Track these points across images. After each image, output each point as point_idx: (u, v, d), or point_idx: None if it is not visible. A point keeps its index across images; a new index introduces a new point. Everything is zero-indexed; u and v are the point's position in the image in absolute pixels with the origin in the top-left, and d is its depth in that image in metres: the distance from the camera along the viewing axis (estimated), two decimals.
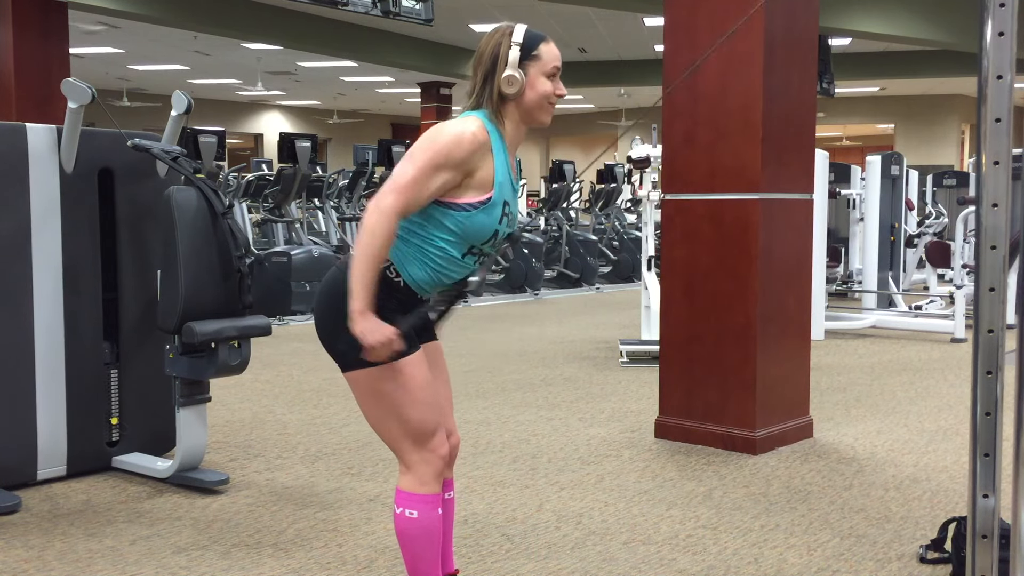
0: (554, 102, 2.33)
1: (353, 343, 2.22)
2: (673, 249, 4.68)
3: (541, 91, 2.30)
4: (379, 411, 2.32)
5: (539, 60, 2.29)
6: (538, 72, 2.29)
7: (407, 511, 2.33)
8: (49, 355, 3.86)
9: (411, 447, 2.33)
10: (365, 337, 2.16)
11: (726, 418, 4.50)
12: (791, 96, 4.53)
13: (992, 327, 1.80)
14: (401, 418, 2.31)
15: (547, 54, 2.31)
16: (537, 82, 2.29)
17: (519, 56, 2.27)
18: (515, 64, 2.27)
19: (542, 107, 2.32)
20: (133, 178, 4.10)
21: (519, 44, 2.27)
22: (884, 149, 17.06)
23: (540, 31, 2.34)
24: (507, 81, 2.27)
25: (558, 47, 2.36)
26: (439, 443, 2.36)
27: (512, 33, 2.29)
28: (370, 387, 2.30)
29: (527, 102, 2.30)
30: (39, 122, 4.11)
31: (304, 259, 8.96)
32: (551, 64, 2.31)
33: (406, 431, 2.32)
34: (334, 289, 2.28)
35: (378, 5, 7.97)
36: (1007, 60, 1.76)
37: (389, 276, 2.28)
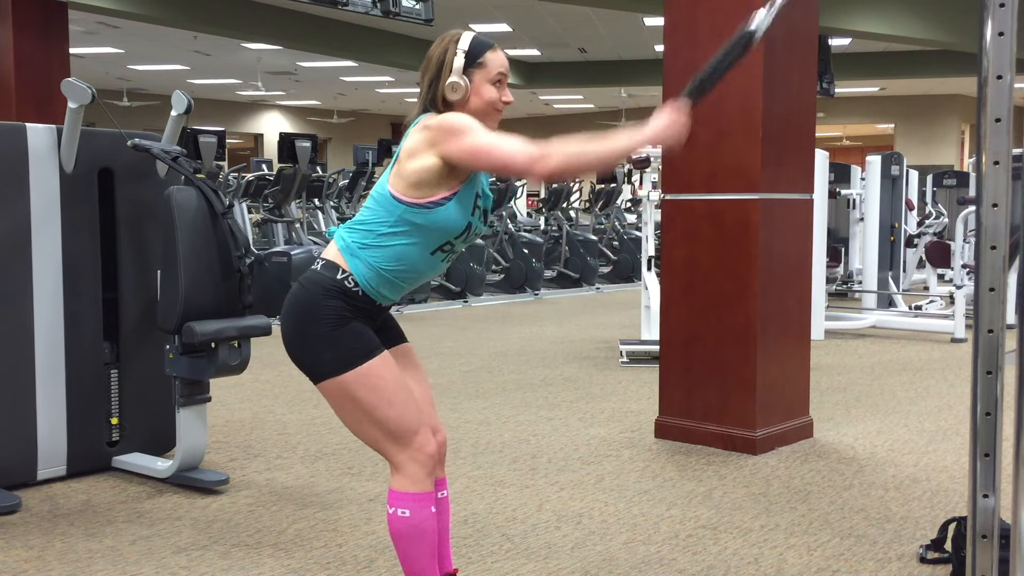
0: (500, 108, 2.36)
1: (320, 355, 2.28)
2: (673, 249, 4.68)
3: (486, 98, 2.33)
4: (356, 416, 2.34)
5: (484, 67, 2.32)
6: (483, 79, 2.32)
7: (399, 510, 2.34)
8: (49, 355, 3.86)
9: (395, 447, 2.34)
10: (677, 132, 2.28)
11: (726, 418, 4.50)
12: (791, 96, 4.53)
13: (992, 327, 1.80)
14: (378, 420, 2.32)
15: (492, 61, 2.33)
16: (482, 89, 2.32)
17: (464, 63, 2.30)
18: (459, 71, 2.30)
19: (488, 113, 2.34)
20: (133, 178, 4.10)
21: (464, 51, 2.31)
22: (884, 149, 17.07)
23: (488, 39, 2.36)
24: (451, 87, 2.30)
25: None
26: (424, 440, 2.36)
27: (459, 40, 2.33)
28: (343, 395, 2.32)
29: (472, 108, 2.33)
30: (39, 122, 4.11)
31: (304, 259, 8.95)
32: (496, 71, 2.33)
33: (386, 432, 2.33)
34: (296, 304, 2.33)
35: (378, 5, 7.97)
36: (1007, 60, 1.76)
37: (347, 286, 2.30)
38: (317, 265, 2.35)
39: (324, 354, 2.29)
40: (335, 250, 2.35)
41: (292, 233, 11.06)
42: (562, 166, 2.18)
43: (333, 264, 2.32)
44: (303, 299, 2.32)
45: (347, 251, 2.32)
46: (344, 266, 2.31)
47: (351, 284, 2.31)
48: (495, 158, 2.22)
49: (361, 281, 2.31)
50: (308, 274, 2.35)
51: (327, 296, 2.29)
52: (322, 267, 2.34)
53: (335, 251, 2.34)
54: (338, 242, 2.35)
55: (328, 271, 2.32)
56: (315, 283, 2.32)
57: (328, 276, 2.31)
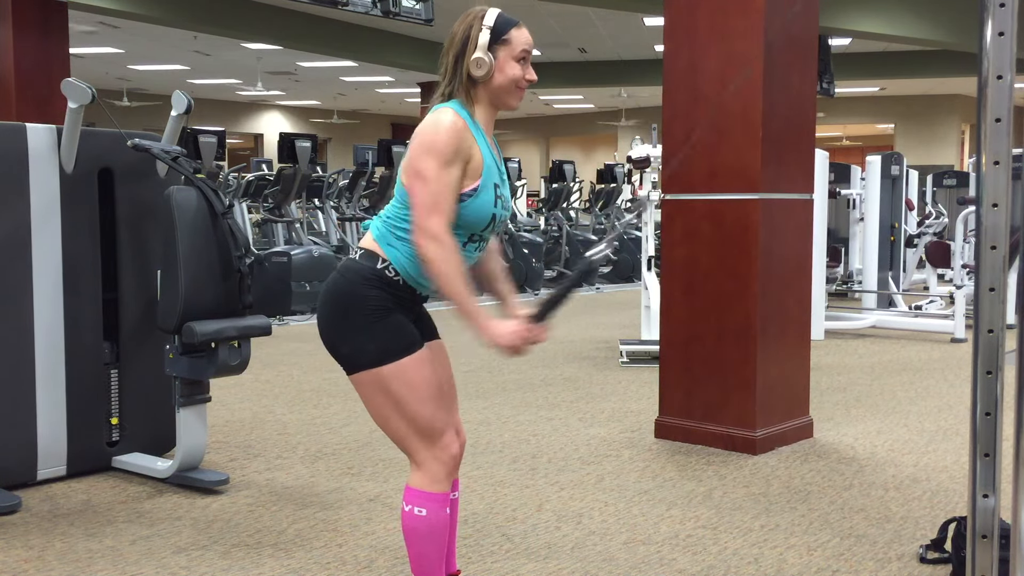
0: (523, 86, 2.35)
1: (356, 345, 2.26)
2: (673, 249, 4.68)
3: (511, 75, 2.32)
4: (387, 411, 2.32)
5: (509, 44, 2.31)
6: (508, 56, 2.31)
7: (416, 508, 2.33)
8: (49, 355, 3.86)
9: (421, 445, 2.34)
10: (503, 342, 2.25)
11: (726, 418, 4.50)
12: (791, 96, 4.53)
13: (992, 327, 1.80)
14: (409, 416, 2.31)
15: (517, 38, 2.32)
16: (507, 66, 2.31)
17: (489, 39, 2.29)
18: (484, 47, 2.29)
19: (510, 91, 2.34)
20: (133, 178, 4.10)
21: (489, 27, 2.30)
22: (884, 149, 17.07)
23: (512, 16, 2.35)
24: (476, 63, 2.29)
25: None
26: (449, 441, 2.36)
27: (484, 17, 2.32)
28: (376, 388, 2.30)
29: (496, 85, 2.32)
30: (39, 122, 4.10)
31: (304, 259, 8.96)
32: (520, 48, 2.32)
33: (415, 429, 2.32)
34: (336, 293, 2.31)
35: (378, 5, 7.97)
36: (1007, 60, 1.76)
37: (388, 275, 2.29)
38: (355, 254, 2.34)
39: (363, 344, 2.26)
40: (371, 239, 2.33)
41: (292, 233, 11.06)
42: (426, 258, 2.20)
43: (372, 253, 2.31)
44: (343, 288, 2.29)
45: (383, 240, 2.31)
46: (383, 255, 2.30)
47: (391, 273, 2.29)
48: (417, 194, 2.22)
49: (401, 270, 2.30)
50: (347, 263, 2.33)
51: (368, 285, 2.28)
52: (361, 256, 2.32)
53: (371, 240, 2.33)
54: (373, 231, 2.34)
55: (368, 260, 2.30)
56: (355, 272, 2.30)
57: (368, 265, 2.29)
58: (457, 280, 2.20)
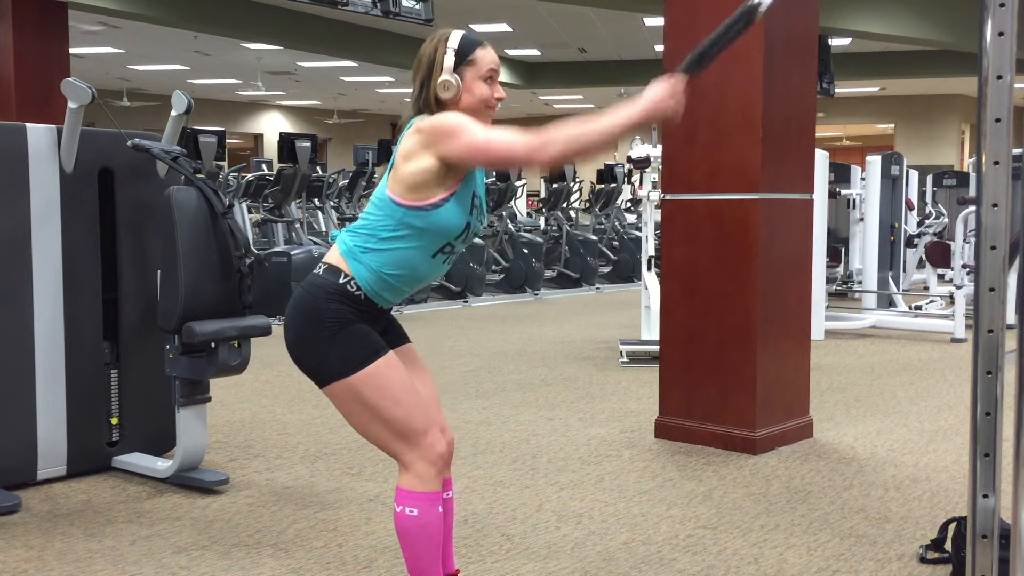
0: (493, 105, 2.36)
1: (325, 358, 2.29)
2: (673, 249, 4.68)
3: (478, 95, 2.33)
4: (363, 418, 2.34)
5: (475, 64, 2.32)
6: (474, 76, 2.32)
7: (407, 509, 2.34)
8: (49, 355, 3.86)
9: (404, 447, 2.35)
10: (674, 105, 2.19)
11: (726, 418, 4.50)
12: (791, 96, 4.53)
13: (992, 327, 1.80)
14: (386, 420, 2.32)
15: (483, 58, 2.33)
16: (474, 86, 2.33)
17: (454, 61, 2.30)
18: (450, 69, 2.30)
19: (480, 111, 2.34)
20: (133, 178, 4.10)
21: (455, 49, 2.31)
22: (884, 149, 17.06)
23: (478, 37, 2.36)
24: (443, 86, 2.31)
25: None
26: (434, 440, 2.37)
27: (448, 39, 2.33)
28: (349, 397, 2.32)
29: (464, 106, 2.33)
30: (39, 122, 4.10)
31: (304, 259, 8.96)
32: (487, 67, 2.34)
33: (395, 432, 2.34)
34: (298, 308, 2.34)
35: (378, 5, 7.97)
36: (1007, 60, 1.76)
37: (350, 290, 2.31)
38: (319, 269, 2.36)
39: (329, 357, 2.30)
40: (337, 254, 2.35)
41: (292, 233, 11.06)
42: (563, 151, 2.17)
43: (335, 268, 2.33)
44: (306, 303, 2.32)
45: (349, 255, 2.33)
46: (346, 270, 2.32)
47: (353, 288, 2.31)
48: (493, 153, 2.22)
49: (363, 285, 2.31)
50: (310, 278, 2.36)
51: (330, 300, 2.30)
52: (324, 271, 2.34)
53: (337, 255, 2.35)
54: (340, 246, 2.36)
55: (330, 275, 2.33)
56: (317, 287, 2.32)
57: (331, 280, 2.32)
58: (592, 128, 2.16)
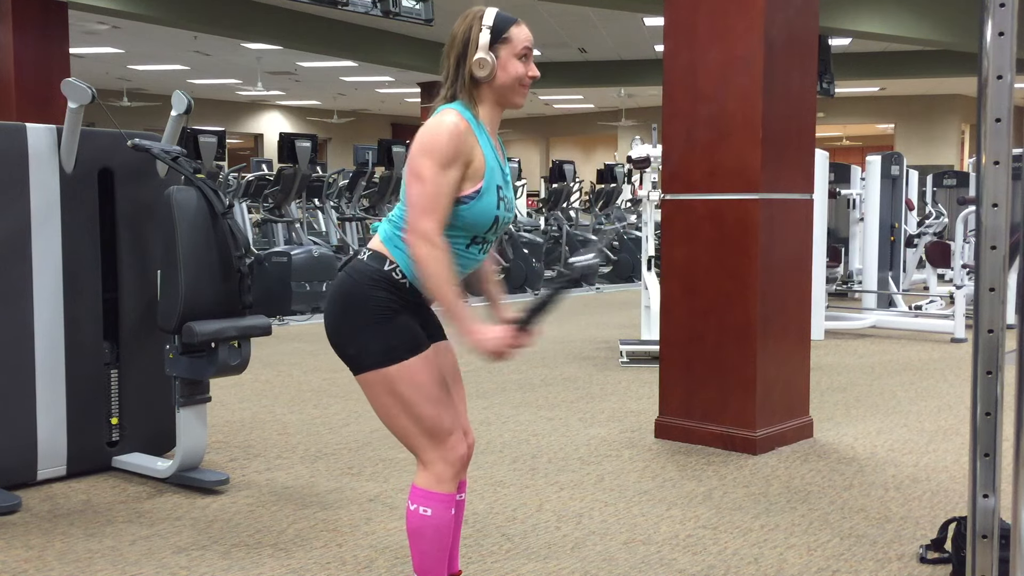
0: (527, 83, 2.36)
1: (363, 346, 2.27)
2: (673, 249, 4.68)
3: (513, 73, 2.32)
4: (393, 411, 2.33)
5: (510, 42, 2.32)
6: (509, 54, 2.32)
7: (421, 508, 2.34)
8: (49, 355, 3.86)
9: (428, 445, 2.34)
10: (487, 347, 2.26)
11: (726, 418, 4.50)
12: (791, 96, 4.53)
13: (992, 327, 1.80)
14: (415, 416, 2.31)
15: (517, 36, 2.33)
16: (509, 64, 2.32)
17: (490, 39, 2.30)
18: (486, 47, 2.29)
19: (515, 89, 2.34)
20: (133, 178, 4.10)
21: (489, 27, 2.30)
22: (884, 149, 17.07)
23: (511, 15, 2.36)
24: (478, 64, 2.29)
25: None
26: (456, 441, 2.36)
27: (482, 16, 2.32)
28: (383, 388, 2.31)
29: (500, 84, 2.32)
30: (39, 122, 4.10)
31: (304, 259, 8.96)
32: (521, 45, 2.33)
33: (422, 429, 2.33)
34: (343, 294, 2.31)
35: (378, 5, 7.97)
36: (1007, 60, 1.76)
37: (395, 278, 2.30)
38: (363, 255, 2.34)
39: (370, 345, 2.27)
40: (379, 241, 2.34)
41: (292, 233, 11.06)
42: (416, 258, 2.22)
43: (380, 255, 2.32)
44: (350, 289, 2.30)
45: (390, 242, 2.32)
46: (390, 256, 2.30)
47: (398, 275, 2.30)
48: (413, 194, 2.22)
49: (407, 272, 2.30)
50: (355, 264, 2.34)
51: (375, 287, 2.28)
52: (368, 258, 2.32)
53: (379, 243, 2.34)
54: (381, 233, 2.35)
55: (375, 262, 2.31)
56: (362, 273, 2.30)
57: (375, 267, 2.30)
58: (444, 282, 2.21)
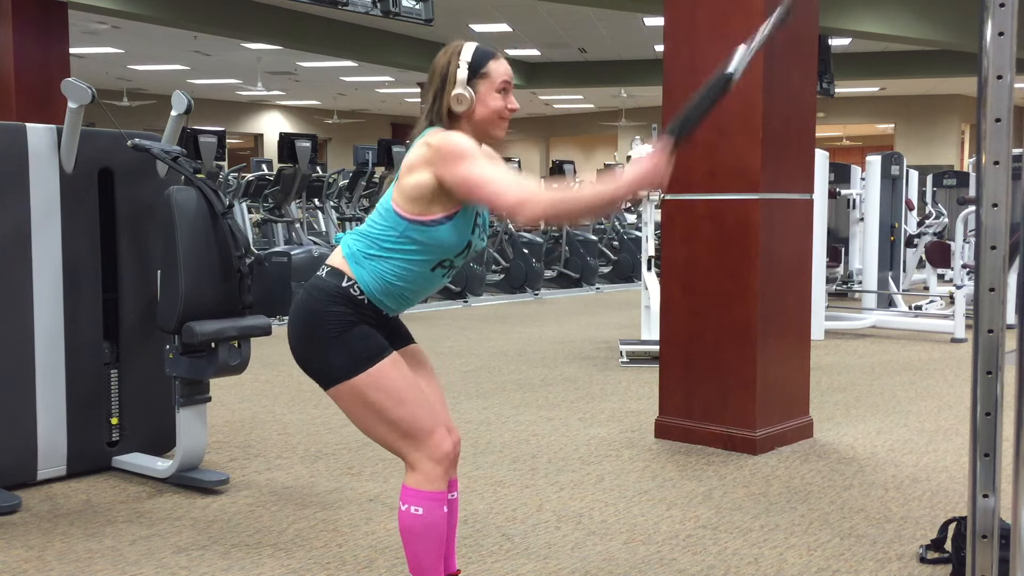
0: (506, 116, 2.35)
1: (329, 360, 2.29)
2: (673, 249, 4.68)
3: (492, 107, 2.32)
4: (369, 419, 2.34)
5: (488, 77, 2.31)
6: (488, 89, 2.31)
7: (412, 508, 2.34)
8: (49, 355, 3.86)
9: (410, 446, 2.35)
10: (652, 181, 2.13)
11: (726, 418, 4.50)
12: (791, 96, 4.53)
13: (992, 327, 1.80)
14: (391, 421, 2.32)
15: (496, 70, 2.32)
16: (488, 98, 2.31)
17: (467, 75, 2.29)
18: (463, 82, 2.29)
19: (494, 122, 2.33)
20: (133, 178, 4.10)
21: (468, 63, 2.30)
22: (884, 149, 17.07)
23: (491, 48, 2.35)
24: (456, 99, 2.29)
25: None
26: (440, 438, 2.37)
27: (460, 52, 2.32)
28: (354, 399, 2.32)
29: (479, 119, 2.32)
30: (39, 122, 4.10)
31: (304, 259, 8.95)
32: (500, 80, 2.32)
33: (400, 433, 2.34)
34: (301, 311, 2.34)
35: (378, 5, 7.97)
36: (1007, 60, 1.76)
37: (352, 294, 2.31)
38: (322, 271, 2.35)
39: (333, 359, 2.29)
40: (340, 257, 2.34)
41: (292, 233, 11.06)
42: (546, 212, 2.14)
43: (338, 271, 2.33)
44: (309, 305, 2.32)
45: (352, 259, 2.32)
46: (349, 273, 2.31)
47: (356, 292, 2.31)
48: (485, 192, 2.19)
49: (366, 290, 2.31)
50: (313, 280, 2.35)
51: (332, 302, 2.29)
52: (327, 274, 2.34)
53: (340, 258, 2.34)
54: (344, 249, 2.35)
55: (333, 278, 2.32)
56: (320, 290, 2.32)
57: (333, 283, 2.32)
58: (579, 197, 2.13)
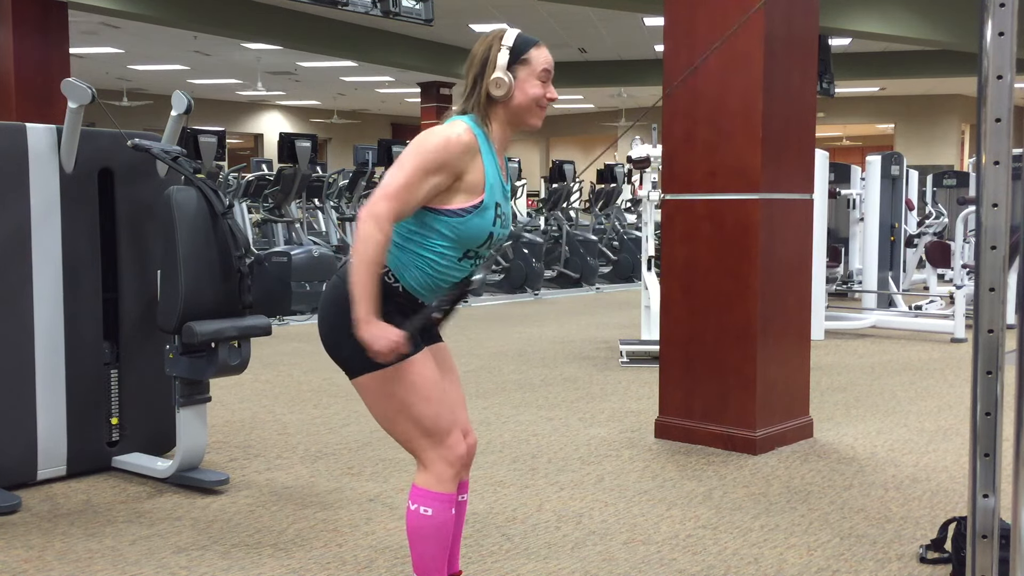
0: (544, 105, 2.36)
1: (358, 349, 2.26)
2: (673, 249, 4.68)
3: (531, 94, 2.33)
4: (390, 413, 2.33)
5: (528, 64, 2.33)
6: (528, 75, 2.33)
7: (422, 508, 2.34)
8: (49, 355, 3.86)
9: (427, 445, 2.35)
10: (372, 343, 2.19)
11: (726, 418, 4.50)
12: (791, 96, 4.53)
13: (992, 327, 1.80)
14: (413, 417, 2.32)
15: (537, 58, 2.34)
16: (527, 85, 2.33)
17: (508, 59, 2.31)
18: (504, 67, 2.30)
19: (531, 110, 2.35)
20: (133, 178, 4.10)
21: (509, 48, 2.32)
22: (884, 149, 17.07)
23: (533, 36, 2.37)
24: (495, 83, 2.31)
25: (558, 47, 2.38)
26: (456, 441, 2.37)
27: (503, 37, 2.34)
28: (379, 391, 2.31)
29: (516, 105, 2.33)
30: (39, 122, 4.10)
31: (304, 259, 8.95)
32: (540, 68, 2.34)
33: (420, 430, 2.33)
34: (336, 297, 2.32)
35: (378, 5, 7.96)
36: (1007, 60, 1.76)
37: (388, 282, 2.31)
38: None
39: (362, 349, 2.26)
40: None
41: (292, 233, 11.06)
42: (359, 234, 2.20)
43: None
44: (343, 293, 2.29)
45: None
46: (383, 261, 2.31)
47: (391, 280, 2.32)
48: (386, 178, 2.25)
49: (400, 278, 2.32)
50: (347, 268, 2.34)
51: None
52: None
53: None
54: None
55: None
56: None
57: None
58: (369, 264, 2.19)
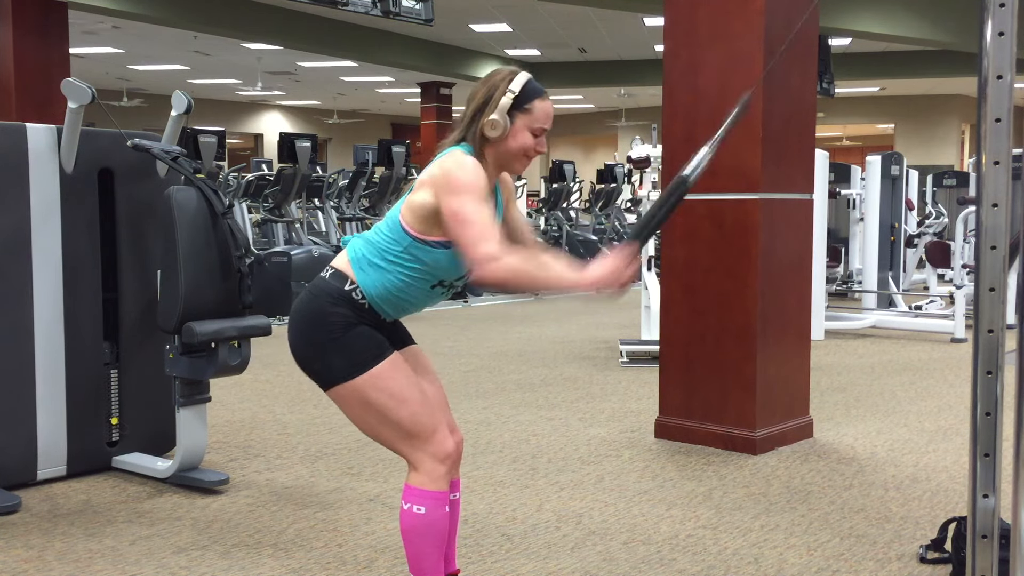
0: (532, 156, 2.33)
1: (329, 361, 2.29)
2: (673, 249, 4.68)
3: (522, 143, 2.31)
4: (370, 419, 2.34)
5: (530, 114, 2.30)
6: (525, 125, 2.30)
7: (415, 507, 2.35)
8: (49, 355, 3.86)
9: (412, 446, 2.35)
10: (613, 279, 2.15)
11: (726, 418, 4.50)
12: (791, 96, 4.53)
13: (992, 327, 1.80)
14: (393, 421, 2.33)
15: (540, 110, 2.30)
16: (521, 134, 2.30)
17: (511, 104, 2.27)
18: (504, 110, 2.27)
19: (518, 157, 2.33)
20: (133, 178, 4.10)
21: (515, 94, 2.28)
22: (884, 149, 17.07)
23: (540, 86, 2.33)
24: (491, 124, 2.27)
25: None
26: (442, 438, 2.37)
27: (512, 80, 2.29)
28: (354, 399, 2.32)
29: (505, 149, 2.31)
30: (39, 122, 4.10)
31: (304, 259, 8.95)
32: (539, 124, 2.31)
33: (402, 432, 2.34)
34: (302, 312, 2.34)
35: (378, 5, 7.97)
36: (1007, 60, 1.76)
37: (354, 298, 2.32)
38: (326, 273, 2.36)
39: (333, 360, 2.29)
40: (345, 260, 2.35)
41: (292, 233, 11.06)
42: (507, 278, 2.14)
43: (342, 274, 2.33)
44: (311, 306, 2.32)
45: (356, 264, 2.33)
46: (353, 277, 2.32)
47: (358, 296, 2.32)
48: (466, 233, 2.16)
49: (367, 295, 2.32)
50: (316, 282, 2.36)
51: (335, 304, 2.30)
52: (331, 276, 2.34)
53: (345, 261, 2.35)
54: (349, 253, 2.36)
55: (337, 280, 2.33)
56: (322, 291, 2.33)
57: (336, 285, 2.32)
58: (540, 275, 2.16)
